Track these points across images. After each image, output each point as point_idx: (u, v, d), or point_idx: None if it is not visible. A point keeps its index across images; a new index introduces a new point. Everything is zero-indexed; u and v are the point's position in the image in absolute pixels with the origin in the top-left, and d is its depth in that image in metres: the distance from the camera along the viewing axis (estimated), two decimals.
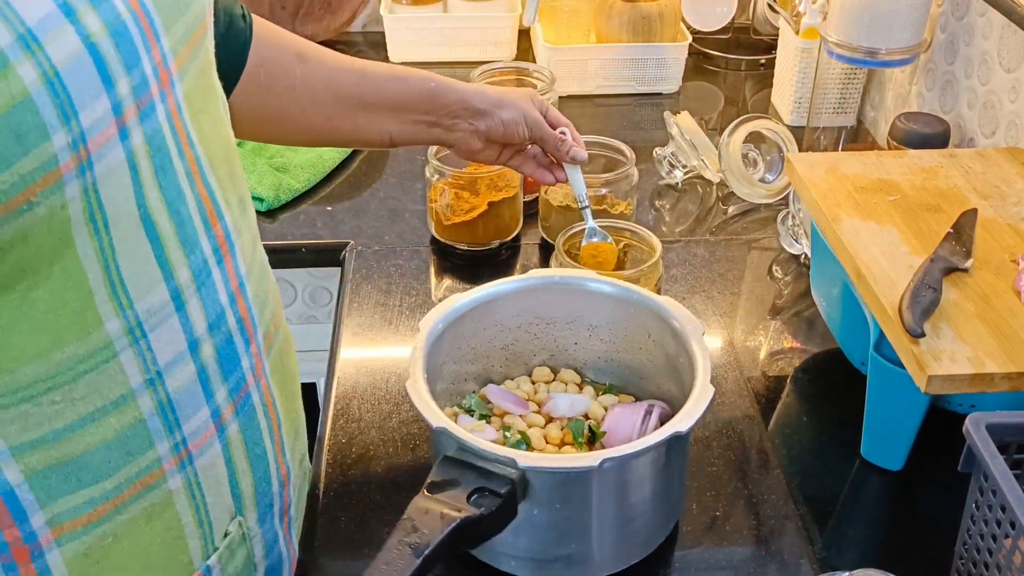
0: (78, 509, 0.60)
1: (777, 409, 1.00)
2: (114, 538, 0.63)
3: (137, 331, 0.59)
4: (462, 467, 0.71)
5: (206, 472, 0.67)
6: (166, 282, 0.60)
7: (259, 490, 0.73)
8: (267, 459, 0.74)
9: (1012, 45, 1.15)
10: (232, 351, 0.67)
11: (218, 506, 0.69)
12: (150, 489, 0.63)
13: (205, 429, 0.65)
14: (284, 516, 0.79)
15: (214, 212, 0.64)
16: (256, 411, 0.71)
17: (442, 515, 0.68)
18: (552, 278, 0.91)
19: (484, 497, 0.70)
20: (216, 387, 0.66)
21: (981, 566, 0.73)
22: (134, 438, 0.61)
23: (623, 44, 1.59)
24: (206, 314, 0.63)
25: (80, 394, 0.58)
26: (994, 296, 0.86)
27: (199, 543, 0.68)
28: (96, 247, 0.55)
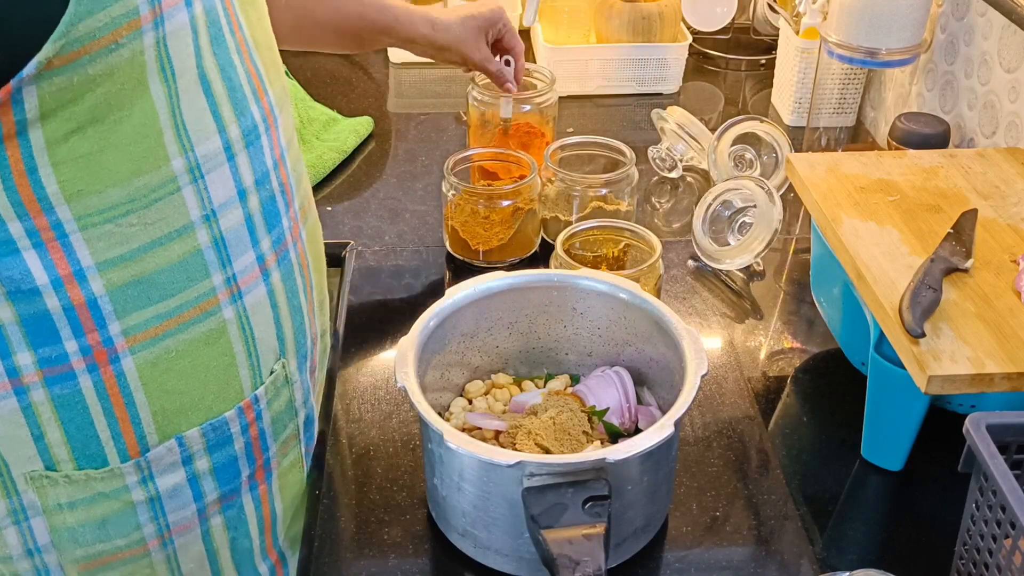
0: (148, 323, 0.70)
1: (777, 409, 1.00)
2: (177, 353, 0.72)
3: (196, 172, 0.68)
4: (555, 489, 0.72)
5: (254, 309, 0.76)
6: (220, 134, 0.69)
7: (298, 340, 0.83)
8: (303, 313, 0.83)
9: (1012, 45, 1.15)
10: (274, 208, 0.77)
11: (265, 343, 0.78)
12: (208, 315, 0.73)
13: (252, 270, 0.75)
14: (313, 375, 0.88)
15: (261, 87, 0.74)
16: (294, 267, 0.80)
17: (586, 536, 0.69)
18: (551, 277, 0.91)
19: (597, 504, 0.71)
20: (261, 236, 0.75)
21: (981, 566, 0.73)
22: (194, 265, 0.71)
23: (623, 44, 1.59)
24: (253, 170, 0.73)
25: (152, 219, 0.67)
26: (994, 296, 0.86)
27: (248, 373, 0.78)
28: (165, 93, 0.64)
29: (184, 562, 0.81)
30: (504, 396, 0.91)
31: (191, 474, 0.77)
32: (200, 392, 0.75)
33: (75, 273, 0.66)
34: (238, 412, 0.78)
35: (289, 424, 0.84)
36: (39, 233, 0.64)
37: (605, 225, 1.08)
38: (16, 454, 0.71)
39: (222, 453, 0.78)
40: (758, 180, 1.17)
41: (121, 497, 0.75)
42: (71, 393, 0.70)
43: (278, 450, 0.84)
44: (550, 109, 1.31)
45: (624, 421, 0.88)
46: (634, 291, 0.89)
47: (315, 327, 0.87)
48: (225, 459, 0.79)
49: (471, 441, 0.74)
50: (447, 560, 0.82)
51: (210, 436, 0.77)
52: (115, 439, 0.72)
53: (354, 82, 1.67)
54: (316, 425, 0.91)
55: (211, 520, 0.81)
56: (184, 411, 0.75)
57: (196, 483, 0.78)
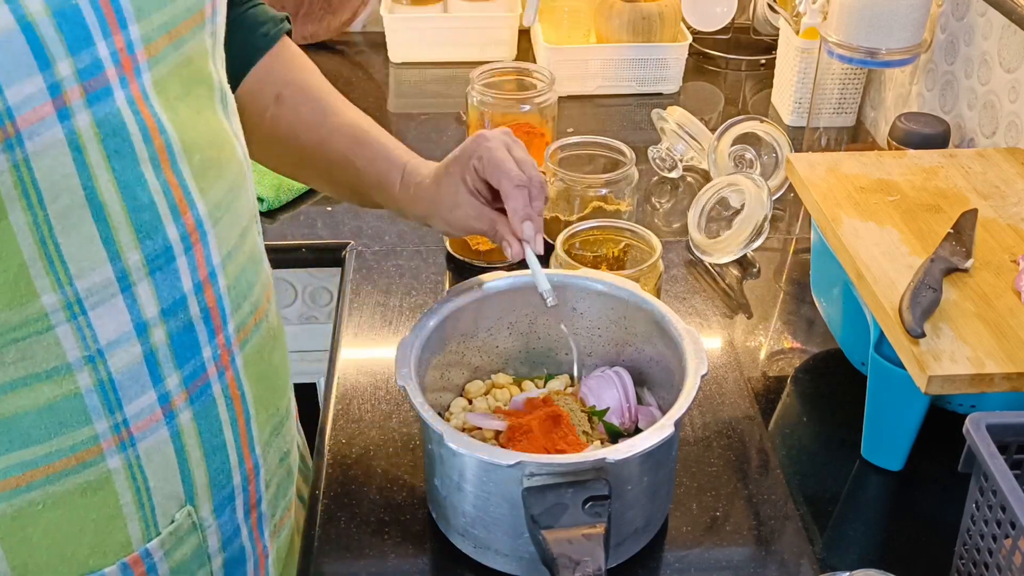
0: (8, 471, 0.62)
1: (777, 409, 1.00)
2: (44, 506, 0.64)
3: (76, 307, 0.60)
4: (555, 489, 0.72)
5: (150, 456, 0.67)
6: (112, 263, 0.60)
7: (215, 481, 0.73)
8: (227, 451, 0.73)
9: (1012, 45, 1.15)
10: (191, 338, 0.67)
11: (163, 491, 0.69)
12: (86, 465, 0.64)
13: (150, 413, 0.66)
14: (252, 511, 0.78)
15: (184, 200, 0.64)
16: (216, 402, 0.70)
17: (586, 536, 0.69)
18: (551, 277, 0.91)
19: (597, 504, 0.71)
20: (167, 372, 0.66)
21: (981, 566, 0.73)
22: (69, 411, 0.62)
23: (623, 44, 1.59)
24: (159, 299, 0.64)
25: (10, 359, 0.59)
26: (994, 296, 0.86)
27: (139, 525, 0.68)
28: (30, 221, 0.56)
29: None
30: (504, 396, 0.91)
31: None
32: (73, 547, 0.66)
33: None
34: (121, 568, 0.69)
35: (199, 571, 0.75)
36: None
37: (605, 225, 1.08)
38: None
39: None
40: (750, 175, 1.18)
41: None
42: None
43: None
44: (549, 109, 1.31)
45: (624, 421, 0.88)
46: (634, 291, 0.89)
47: (249, 463, 0.76)
48: None
49: (471, 441, 0.74)
50: (447, 560, 0.82)
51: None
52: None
53: (354, 82, 1.67)
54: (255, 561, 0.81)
55: None
56: (51, 566, 0.66)
57: None
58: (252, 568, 0.80)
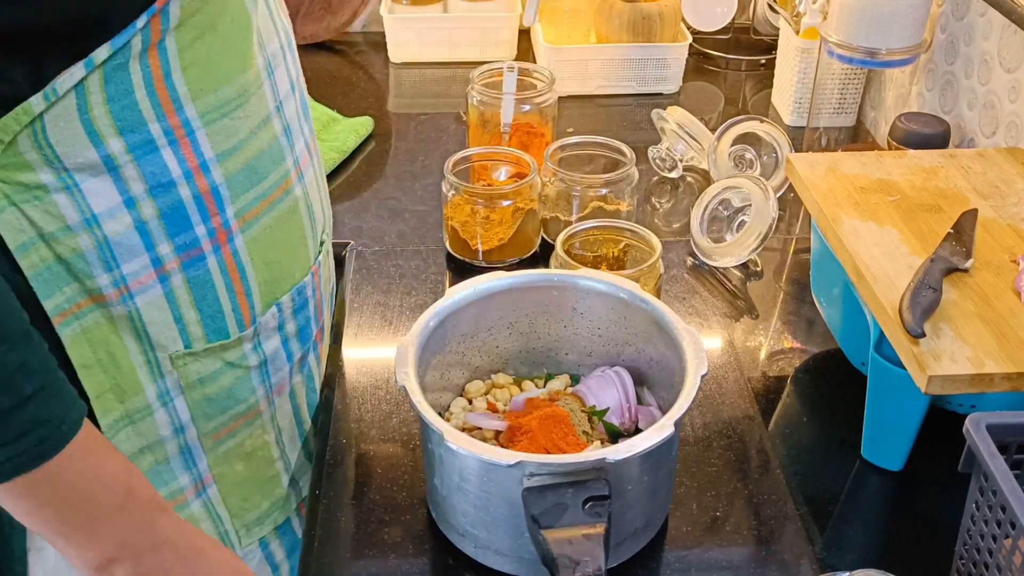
0: (251, 203, 0.80)
1: (777, 409, 1.00)
2: (271, 228, 0.83)
3: (268, 68, 0.80)
4: (555, 489, 0.72)
5: (310, 186, 0.89)
6: (276, 36, 0.83)
7: (326, 214, 0.96)
8: (323, 203, 0.95)
9: (1012, 45, 1.15)
10: (305, 103, 0.89)
11: (318, 216, 0.91)
12: (287, 193, 0.84)
13: (304, 154, 0.88)
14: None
15: (280, 17, 0.85)
16: (316, 154, 0.92)
17: (586, 536, 0.69)
18: (551, 277, 0.91)
19: (597, 504, 0.71)
20: (303, 125, 0.88)
21: (981, 566, 0.73)
22: (276, 150, 0.82)
23: (623, 44, 1.59)
24: (288, 75, 0.85)
25: (249, 112, 0.77)
26: (994, 296, 0.86)
27: (312, 243, 0.90)
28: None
29: (280, 418, 0.92)
30: (504, 396, 0.91)
31: (284, 338, 0.88)
32: (288, 262, 0.86)
33: (201, 165, 0.75)
34: (310, 276, 0.90)
35: (329, 287, 0.97)
36: (172, 131, 0.72)
37: (605, 225, 1.08)
38: (163, 337, 0.79)
39: (302, 315, 0.90)
40: (755, 178, 1.17)
41: (242, 364, 0.85)
42: (202, 274, 0.78)
43: (326, 319, 0.97)
44: (550, 109, 1.31)
45: (624, 421, 0.88)
46: (634, 291, 0.89)
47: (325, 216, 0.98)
48: (304, 321, 0.90)
49: (471, 441, 0.74)
50: (447, 560, 0.82)
51: (296, 300, 0.88)
52: (235, 311, 0.82)
53: (354, 82, 1.67)
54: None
55: (295, 379, 0.92)
56: (278, 280, 0.85)
57: (287, 345, 0.89)
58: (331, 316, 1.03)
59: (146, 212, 0.74)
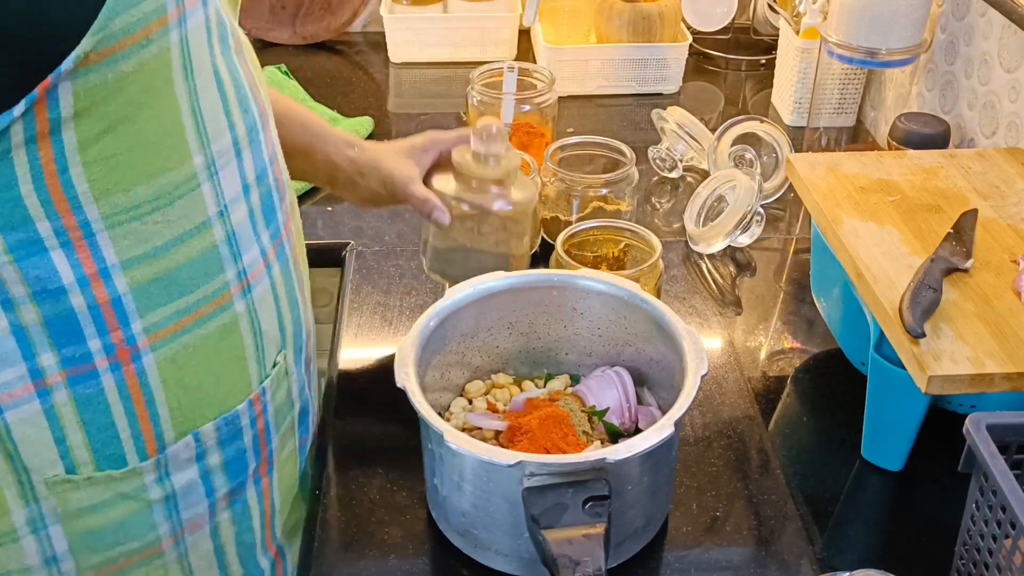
0: (168, 319, 0.71)
1: (777, 409, 1.00)
2: (194, 348, 0.74)
3: (212, 167, 0.70)
4: (555, 489, 0.72)
5: (260, 302, 0.78)
6: (230, 130, 0.71)
7: (295, 331, 0.85)
8: (299, 305, 0.85)
9: (1012, 45, 1.15)
10: (271, 203, 0.79)
11: (269, 336, 0.80)
12: (222, 309, 0.75)
13: (258, 263, 0.77)
14: (308, 367, 0.90)
15: (256, 85, 0.76)
16: (289, 261, 0.83)
17: (586, 536, 0.69)
18: (551, 277, 0.91)
19: (597, 504, 0.71)
20: (261, 230, 0.77)
21: (981, 566, 0.73)
22: (211, 260, 0.72)
23: (623, 44, 1.59)
24: (255, 165, 0.75)
25: (174, 216, 0.69)
26: (994, 296, 0.86)
27: (256, 367, 0.80)
28: (187, 90, 0.66)
29: (194, 560, 0.82)
30: (504, 396, 0.91)
31: (204, 470, 0.78)
32: (214, 386, 0.76)
33: (100, 272, 0.67)
34: (248, 404, 0.79)
35: (287, 416, 0.86)
36: (66, 232, 0.64)
37: (605, 225, 1.08)
38: (38, 459, 0.71)
39: (233, 447, 0.79)
40: (747, 171, 1.19)
41: (139, 497, 0.75)
42: (94, 393, 0.70)
43: (279, 442, 0.85)
44: (549, 109, 1.31)
45: (624, 421, 0.88)
46: (634, 291, 0.89)
47: (309, 319, 0.89)
48: (235, 453, 0.80)
49: (471, 441, 0.74)
50: (447, 560, 0.82)
51: (223, 430, 0.78)
52: (135, 438, 0.73)
53: (354, 82, 1.67)
54: (313, 417, 0.93)
55: (219, 516, 0.81)
56: (200, 406, 0.76)
57: (208, 479, 0.79)
58: (312, 420, 0.93)
59: (27, 317, 0.66)
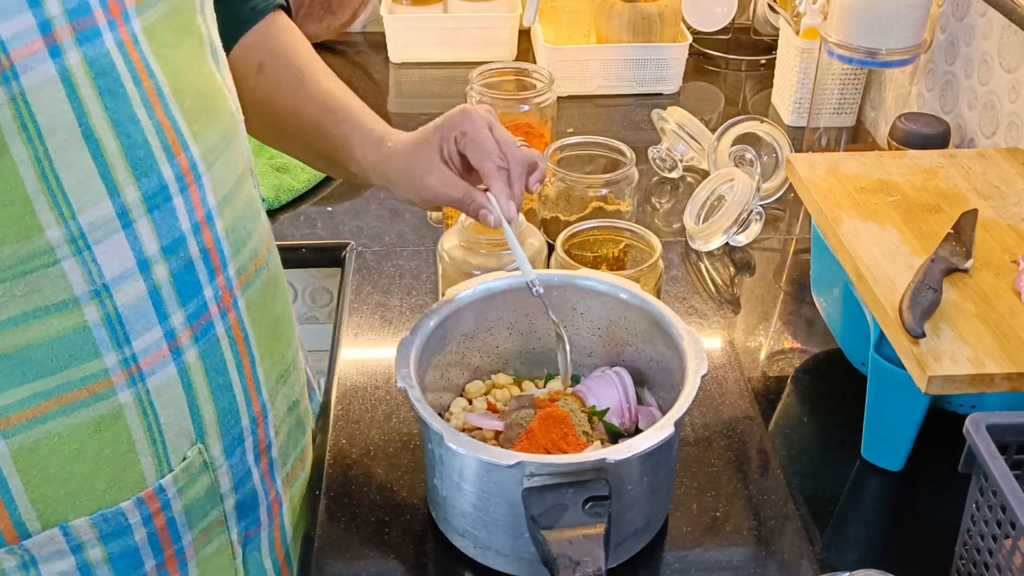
0: (23, 403, 0.63)
1: (777, 409, 1.00)
2: (60, 439, 0.65)
3: (80, 241, 0.61)
4: (555, 489, 0.72)
5: (160, 392, 0.68)
6: (111, 198, 0.62)
7: (224, 421, 0.74)
8: (233, 391, 0.74)
9: (1012, 45, 1.15)
10: (192, 277, 0.68)
11: (174, 428, 0.70)
12: (98, 398, 0.66)
13: (157, 349, 0.67)
14: (263, 456, 0.79)
15: (177, 141, 0.65)
16: (220, 342, 0.72)
17: (586, 537, 0.69)
18: (551, 277, 0.91)
19: (597, 505, 0.71)
20: (171, 310, 0.67)
21: (981, 566, 0.73)
22: (78, 343, 0.64)
23: (623, 44, 1.59)
24: (159, 236, 0.65)
25: (21, 292, 0.61)
26: (994, 296, 0.86)
27: (152, 461, 0.70)
28: (31, 155, 0.58)
29: None
30: (504, 396, 0.91)
31: (82, 563, 0.70)
32: (89, 480, 0.68)
33: None
34: (136, 503, 0.70)
35: (211, 511, 0.76)
36: None
37: (605, 225, 1.08)
38: None
39: (118, 543, 0.71)
40: (747, 170, 1.19)
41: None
42: None
43: (195, 538, 0.76)
44: (549, 109, 1.31)
45: (624, 421, 0.88)
46: (634, 291, 0.89)
47: (257, 406, 0.77)
48: (123, 549, 0.71)
49: (471, 441, 0.74)
50: (447, 560, 0.82)
51: (102, 526, 0.69)
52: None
53: (354, 82, 1.67)
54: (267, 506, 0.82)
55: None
56: (69, 498, 0.68)
57: (88, 571, 0.71)
58: (265, 513, 0.81)
59: None
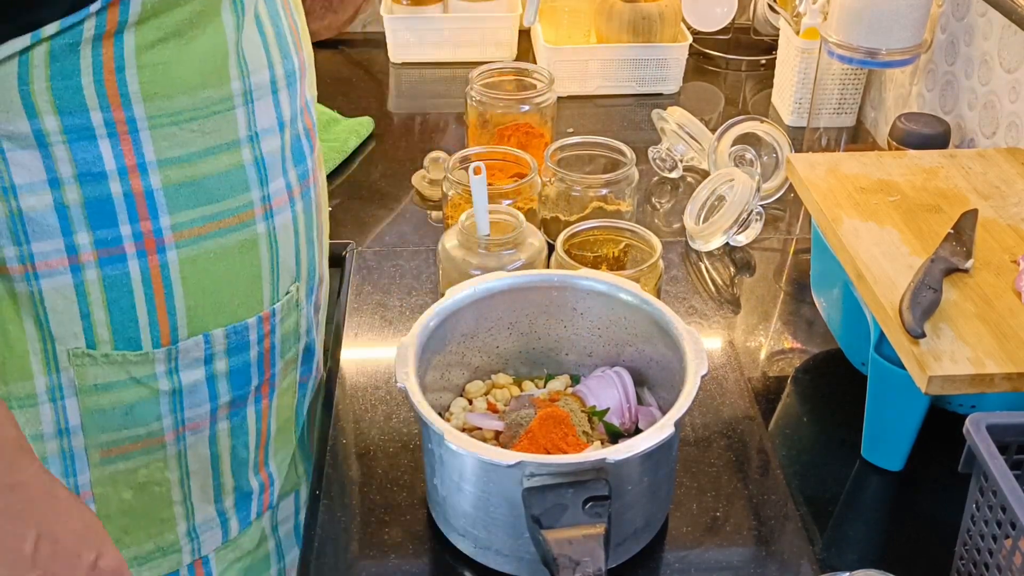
0: (193, 221, 0.78)
1: (777, 409, 1.00)
2: (215, 255, 0.80)
3: (248, 96, 0.78)
4: (555, 489, 0.72)
5: (282, 231, 0.84)
6: (269, 69, 0.79)
7: (310, 271, 0.90)
8: (315, 248, 0.91)
9: (1012, 45, 1.15)
10: (300, 147, 0.86)
11: (285, 265, 0.86)
12: (244, 226, 0.81)
13: (282, 194, 0.83)
14: (317, 312, 0.95)
15: (299, 39, 0.84)
16: (312, 204, 0.89)
17: (586, 537, 0.69)
18: (551, 277, 0.91)
19: (597, 504, 0.71)
20: (289, 168, 0.84)
21: (981, 566, 0.73)
22: (237, 177, 0.79)
23: (623, 44, 1.59)
24: (290, 107, 0.83)
25: (209, 129, 0.76)
26: (994, 296, 0.86)
27: (269, 288, 0.85)
28: (234, 23, 0.75)
29: (191, 460, 0.86)
30: (504, 396, 0.91)
31: (210, 373, 0.83)
32: (229, 295, 0.82)
33: (139, 165, 0.74)
34: (258, 321, 0.84)
35: (293, 347, 0.90)
36: (115, 125, 0.72)
37: (605, 225, 1.08)
38: (64, 329, 0.77)
39: (239, 358, 0.84)
40: (747, 170, 1.19)
41: (149, 384, 0.81)
42: (120, 275, 0.76)
43: (281, 369, 0.90)
44: (549, 109, 1.31)
45: (624, 421, 0.88)
46: (634, 291, 0.89)
47: (324, 269, 0.95)
48: (240, 364, 0.85)
49: (471, 441, 0.74)
50: (447, 560, 0.82)
51: (232, 338, 0.83)
52: (151, 326, 0.79)
53: (354, 82, 1.67)
54: (317, 363, 0.96)
55: (219, 424, 0.86)
56: (213, 310, 0.81)
57: (213, 383, 0.84)
58: (316, 363, 0.96)
59: (70, 196, 0.73)
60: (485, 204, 1.02)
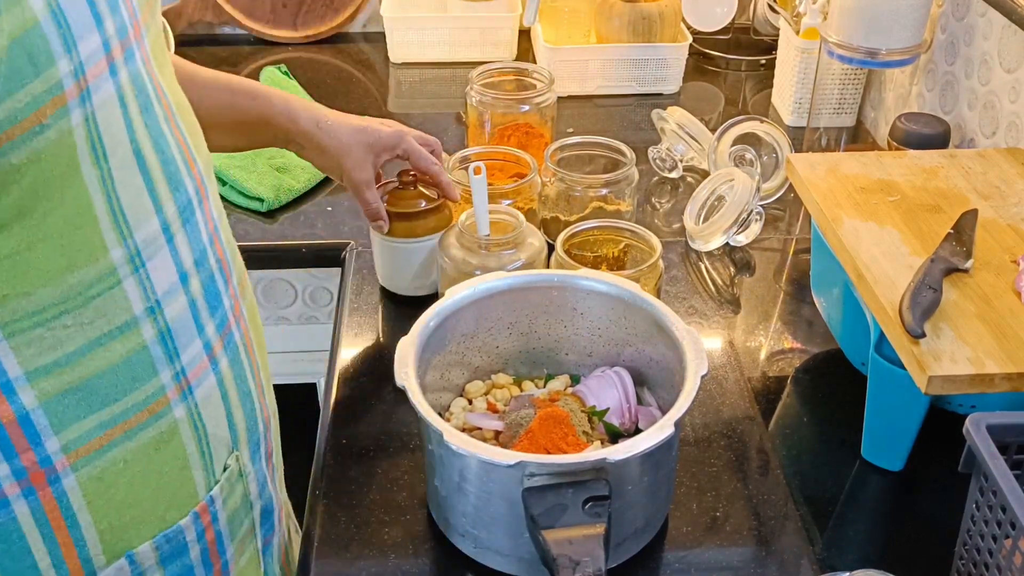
0: (90, 434, 0.63)
1: (777, 409, 1.00)
2: (125, 464, 0.65)
3: (137, 260, 0.62)
4: (555, 489, 0.72)
5: (205, 403, 0.70)
6: (157, 214, 0.63)
7: (249, 427, 0.76)
8: (252, 398, 0.76)
9: (1012, 45, 1.15)
10: (214, 288, 0.70)
11: (217, 438, 0.72)
12: (157, 417, 0.66)
13: (200, 360, 0.69)
14: (269, 460, 0.81)
15: (190, 156, 0.67)
16: (239, 349, 0.74)
17: (586, 537, 0.69)
18: (551, 277, 0.91)
19: (597, 504, 0.71)
20: (205, 321, 0.69)
21: (981, 566, 0.73)
22: (139, 364, 0.64)
23: (623, 44, 1.59)
24: (192, 249, 0.67)
25: (89, 318, 0.61)
26: (994, 296, 0.86)
27: (203, 474, 0.71)
28: (99, 175, 0.58)
29: None
30: (504, 396, 0.91)
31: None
32: (152, 502, 0.68)
33: (2, 386, 0.59)
34: (193, 518, 0.71)
35: (245, 520, 0.77)
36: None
37: (605, 225, 1.08)
38: None
39: (176, 564, 0.71)
40: (747, 170, 1.19)
41: None
42: (4, 523, 0.62)
43: (235, 551, 0.77)
44: (548, 109, 1.31)
45: (624, 421, 0.88)
46: (634, 291, 0.89)
47: (267, 411, 0.80)
48: (180, 570, 0.72)
49: (471, 441, 0.74)
50: (447, 560, 0.82)
51: (163, 548, 0.70)
52: (56, 567, 0.65)
53: (354, 82, 1.67)
54: (279, 512, 0.83)
55: None
56: (134, 525, 0.68)
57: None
58: (277, 518, 0.83)
59: None
60: (485, 204, 1.02)
